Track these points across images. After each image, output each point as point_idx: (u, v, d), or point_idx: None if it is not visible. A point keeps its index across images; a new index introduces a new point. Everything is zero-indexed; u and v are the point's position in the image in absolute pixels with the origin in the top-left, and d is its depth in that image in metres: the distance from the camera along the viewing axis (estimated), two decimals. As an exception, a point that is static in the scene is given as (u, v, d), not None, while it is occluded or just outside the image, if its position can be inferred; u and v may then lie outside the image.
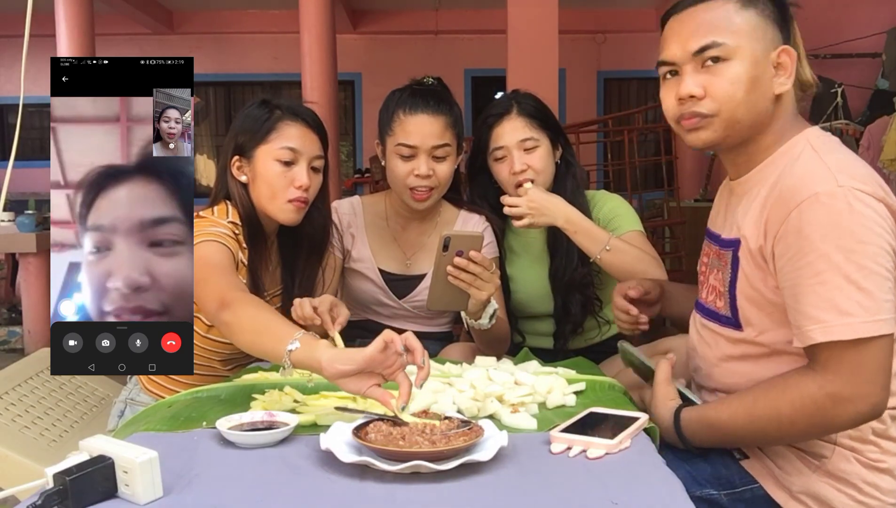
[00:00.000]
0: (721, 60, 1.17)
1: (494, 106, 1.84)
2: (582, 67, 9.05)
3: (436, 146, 1.71)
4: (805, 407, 1.06)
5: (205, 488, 0.93)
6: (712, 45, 1.16)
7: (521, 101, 1.82)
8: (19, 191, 6.95)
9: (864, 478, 1.14)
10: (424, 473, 0.95)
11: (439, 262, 1.45)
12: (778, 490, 1.16)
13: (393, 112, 1.74)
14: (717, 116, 1.18)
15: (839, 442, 1.14)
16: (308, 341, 1.13)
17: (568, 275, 1.82)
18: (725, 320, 1.22)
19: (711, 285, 1.27)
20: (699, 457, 1.19)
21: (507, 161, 1.79)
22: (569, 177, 1.85)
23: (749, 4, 1.17)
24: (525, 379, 1.31)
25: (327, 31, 5.41)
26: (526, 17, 4.57)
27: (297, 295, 1.68)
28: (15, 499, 1.03)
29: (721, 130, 1.19)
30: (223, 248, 1.48)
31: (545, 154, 1.80)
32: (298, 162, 1.57)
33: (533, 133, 1.78)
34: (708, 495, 1.17)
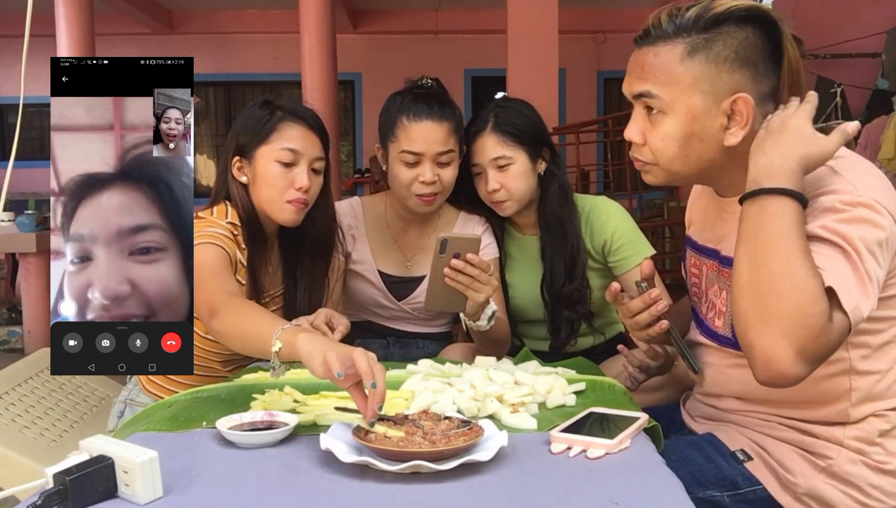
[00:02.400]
0: (657, 112, 1.12)
1: (473, 121, 1.80)
2: (582, 67, 9.06)
3: (440, 152, 1.70)
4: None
5: (205, 488, 0.93)
6: (647, 94, 1.12)
7: (500, 114, 1.77)
8: (19, 191, 6.96)
9: (869, 480, 1.13)
10: (424, 473, 0.95)
11: (436, 264, 1.45)
12: (782, 492, 1.15)
13: (395, 118, 1.71)
14: (655, 165, 1.16)
15: (845, 444, 1.14)
16: (288, 338, 1.15)
17: (556, 288, 1.80)
18: (724, 340, 1.21)
19: (712, 300, 1.25)
20: (702, 458, 1.19)
21: (482, 178, 1.77)
22: (553, 187, 1.80)
23: (698, 51, 1.08)
24: (525, 379, 1.31)
25: (327, 31, 5.42)
26: (526, 17, 4.57)
27: (303, 297, 1.68)
28: (15, 499, 1.03)
29: (662, 177, 1.17)
30: (218, 250, 1.47)
31: (521, 171, 1.75)
32: (299, 163, 1.57)
33: (506, 151, 1.74)
34: (711, 496, 1.16)
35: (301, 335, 1.13)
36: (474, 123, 1.79)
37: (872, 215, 1.02)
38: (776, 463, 1.16)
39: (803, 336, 0.95)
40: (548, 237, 1.81)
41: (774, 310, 0.97)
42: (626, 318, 1.27)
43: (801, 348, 0.95)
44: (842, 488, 1.13)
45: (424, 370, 1.41)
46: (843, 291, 0.97)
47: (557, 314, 1.82)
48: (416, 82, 1.78)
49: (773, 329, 0.96)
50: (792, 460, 1.16)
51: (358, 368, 1.04)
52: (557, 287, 1.80)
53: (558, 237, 1.79)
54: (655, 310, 1.21)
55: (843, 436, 1.14)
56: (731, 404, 1.25)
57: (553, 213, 1.79)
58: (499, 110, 1.79)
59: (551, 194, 1.80)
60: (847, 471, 1.13)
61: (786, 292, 0.96)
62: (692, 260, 1.34)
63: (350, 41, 8.60)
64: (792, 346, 0.95)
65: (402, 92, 1.76)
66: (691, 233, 1.36)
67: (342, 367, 1.04)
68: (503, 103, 1.82)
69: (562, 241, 1.79)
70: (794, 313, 0.95)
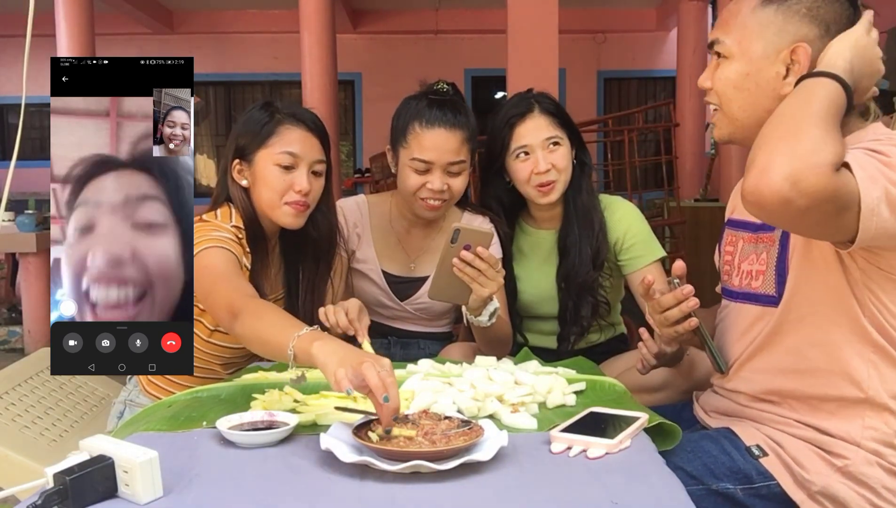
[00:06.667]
0: (723, 57, 1.19)
1: (515, 105, 1.80)
2: (582, 67, 9.06)
3: (452, 162, 1.69)
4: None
5: (205, 488, 0.93)
6: (716, 41, 1.19)
7: (540, 99, 1.80)
8: (19, 191, 6.95)
9: (883, 483, 1.13)
10: (424, 473, 0.94)
11: (446, 253, 1.45)
12: (796, 489, 1.15)
13: (408, 123, 1.70)
14: (720, 111, 1.21)
15: (862, 445, 1.13)
16: (304, 346, 1.14)
17: (580, 277, 1.80)
18: (765, 298, 1.21)
19: (745, 270, 1.26)
20: (717, 450, 1.19)
21: (530, 160, 1.76)
22: (584, 178, 1.83)
23: (773, 1, 1.15)
24: (525, 379, 1.31)
25: (327, 31, 5.42)
26: (526, 17, 4.57)
27: (304, 300, 1.67)
28: (15, 499, 1.03)
29: (726, 127, 1.21)
30: (227, 253, 1.47)
31: (567, 153, 1.78)
32: (299, 167, 1.56)
33: (556, 131, 1.77)
34: (724, 488, 1.16)
35: (316, 344, 1.13)
36: (515, 108, 1.79)
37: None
38: (791, 460, 1.16)
39: (805, 164, 0.95)
40: (575, 226, 1.81)
41: (789, 137, 0.98)
42: (655, 313, 1.28)
43: (796, 171, 0.95)
44: (856, 488, 1.13)
45: (425, 370, 1.41)
46: (858, 168, 0.99)
47: (580, 302, 1.82)
48: (432, 87, 1.75)
49: (780, 146, 0.97)
50: (808, 458, 1.15)
51: (368, 383, 1.02)
52: (582, 275, 1.80)
53: (586, 226, 1.80)
54: (687, 307, 1.22)
55: (861, 436, 1.13)
56: (747, 399, 1.26)
57: (583, 202, 1.80)
58: (538, 97, 1.81)
59: (583, 184, 1.82)
60: (862, 472, 1.13)
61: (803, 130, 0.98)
62: (728, 238, 1.35)
63: (350, 41, 8.60)
64: (790, 165, 0.95)
65: (416, 96, 1.75)
66: (731, 215, 1.38)
67: (352, 384, 1.03)
68: (537, 94, 1.83)
69: (589, 230, 1.80)
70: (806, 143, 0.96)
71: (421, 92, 1.75)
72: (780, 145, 0.97)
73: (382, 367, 1.04)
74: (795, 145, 0.97)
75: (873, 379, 1.13)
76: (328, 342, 1.14)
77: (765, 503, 1.16)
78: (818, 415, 1.17)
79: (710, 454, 1.18)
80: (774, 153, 0.97)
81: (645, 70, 9.36)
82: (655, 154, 5.36)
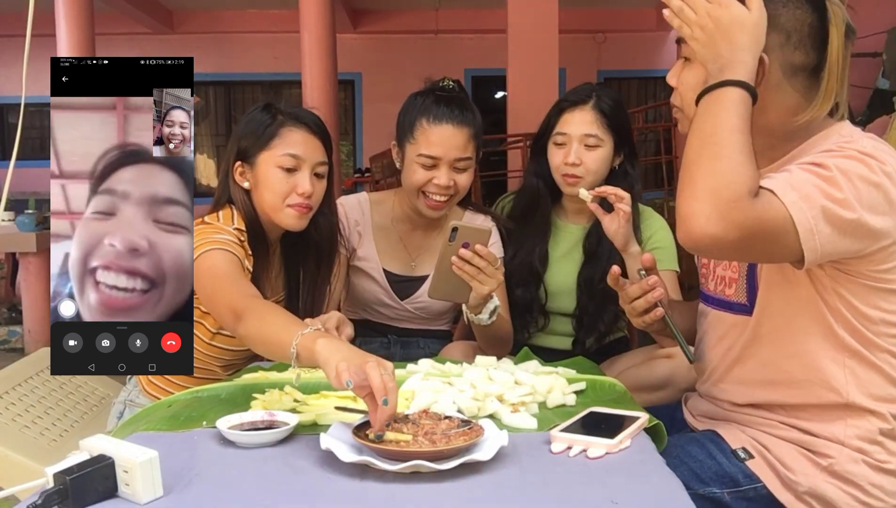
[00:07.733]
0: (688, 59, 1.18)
1: (575, 91, 1.83)
2: (582, 67, 9.04)
3: (458, 158, 1.70)
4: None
5: (205, 488, 0.93)
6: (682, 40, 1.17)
7: (602, 96, 1.80)
8: (19, 191, 6.95)
9: (870, 480, 1.13)
10: (424, 473, 0.95)
11: (445, 251, 1.45)
12: (783, 490, 1.15)
13: (415, 119, 1.71)
14: (681, 112, 1.21)
15: (847, 443, 1.14)
16: (307, 344, 1.13)
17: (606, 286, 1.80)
18: (738, 307, 1.22)
19: (720, 275, 1.27)
20: (703, 454, 1.19)
21: (564, 149, 1.79)
22: (623, 185, 1.77)
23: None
24: (525, 379, 1.31)
25: (327, 30, 5.41)
26: (526, 17, 4.57)
27: (304, 302, 1.67)
28: (15, 499, 1.03)
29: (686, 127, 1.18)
30: (230, 256, 1.46)
31: (603, 156, 1.79)
32: (301, 169, 1.55)
33: (598, 131, 1.78)
34: (711, 493, 1.16)
35: (320, 342, 1.11)
36: (573, 94, 1.81)
37: (866, 159, 1.03)
38: (777, 462, 1.16)
39: (724, 200, 0.98)
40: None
41: (706, 175, 1.01)
42: (625, 303, 1.31)
43: (719, 212, 0.98)
44: (843, 487, 1.13)
45: (425, 370, 1.41)
46: (788, 191, 1.00)
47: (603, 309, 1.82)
48: (438, 84, 1.76)
49: (698, 188, 1.00)
50: (793, 458, 1.16)
51: (371, 383, 1.01)
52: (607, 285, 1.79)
53: None
54: (652, 297, 1.26)
55: (845, 435, 1.14)
56: (731, 406, 1.26)
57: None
58: (601, 92, 1.82)
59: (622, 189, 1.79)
60: (848, 470, 1.13)
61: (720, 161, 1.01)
62: None
63: (350, 41, 8.60)
64: (711, 207, 0.98)
65: (422, 93, 1.75)
66: None
67: (353, 377, 1.02)
68: (603, 89, 1.84)
69: None
70: (721, 178, 0.99)
71: (427, 88, 1.76)
72: (699, 186, 1.00)
73: (386, 370, 1.04)
74: (712, 182, 1.00)
75: (851, 384, 1.13)
76: (332, 341, 1.13)
77: (752, 505, 1.16)
78: (801, 417, 1.18)
79: (697, 458, 1.19)
80: (693, 199, 1.00)
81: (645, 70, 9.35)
82: (655, 154, 5.37)
